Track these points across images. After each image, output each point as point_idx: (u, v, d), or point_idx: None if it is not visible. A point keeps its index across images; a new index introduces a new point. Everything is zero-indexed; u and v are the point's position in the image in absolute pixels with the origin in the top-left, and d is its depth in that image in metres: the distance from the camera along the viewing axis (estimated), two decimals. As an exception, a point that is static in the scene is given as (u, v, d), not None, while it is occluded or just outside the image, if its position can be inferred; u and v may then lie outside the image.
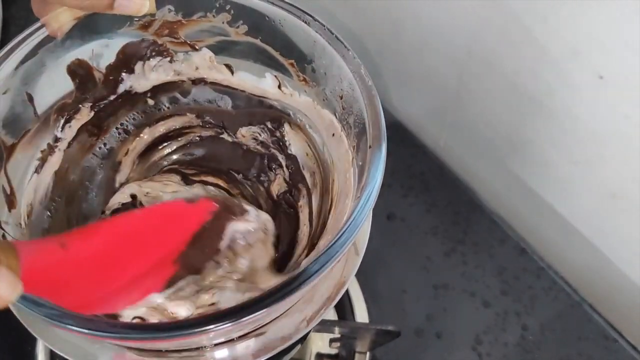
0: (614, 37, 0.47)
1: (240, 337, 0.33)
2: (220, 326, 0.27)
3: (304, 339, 0.46)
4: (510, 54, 0.56)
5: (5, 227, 0.35)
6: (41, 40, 0.36)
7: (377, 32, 0.69)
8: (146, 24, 0.39)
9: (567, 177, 0.59)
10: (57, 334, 0.33)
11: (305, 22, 0.36)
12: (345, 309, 0.59)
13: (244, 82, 0.42)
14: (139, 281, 0.33)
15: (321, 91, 0.38)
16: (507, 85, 0.58)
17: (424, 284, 0.61)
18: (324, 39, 0.36)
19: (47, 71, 0.37)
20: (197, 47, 0.41)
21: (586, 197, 0.59)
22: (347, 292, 0.59)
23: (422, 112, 0.71)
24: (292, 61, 0.39)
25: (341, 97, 0.36)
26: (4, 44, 0.35)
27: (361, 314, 0.58)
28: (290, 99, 0.41)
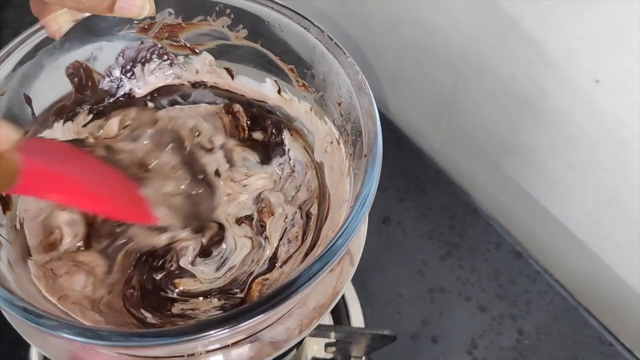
0: (610, 41, 0.47)
1: (234, 343, 0.33)
2: (212, 334, 0.27)
3: (299, 345, 0.46)
4: (505, 58, 0.56)
5: (-1, 230, 0.35)
6: (40, 41, 0.36)
7: (374, 36, 0.69)
8: (146, 26, 0.39)
9: (562, 181, 0.60)
10: (49, 340, 0.33)
11: (304, 28, 0.36)
12: (340, 314, 0.59)
13: (243, 87, 0.42)
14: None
15: (320, 97, 0.38)
16: (503, 89, 0.58)
17: (420, 288, 0.61)
18: (323, 44, 0.36)
19: (46, 73, 0.37)
20: (197, 51, 0.41)
21: (582, 201, 0.59)
22: (342, 296, 0.59)
23: (418, 116, 0.71)
24: (292, 66, 0.39)
25: (339, 104, 0.36)
26: (-2, 47, 0.35)
27: (357, 319, 0.58)
28: (289, 105, 0.41)
